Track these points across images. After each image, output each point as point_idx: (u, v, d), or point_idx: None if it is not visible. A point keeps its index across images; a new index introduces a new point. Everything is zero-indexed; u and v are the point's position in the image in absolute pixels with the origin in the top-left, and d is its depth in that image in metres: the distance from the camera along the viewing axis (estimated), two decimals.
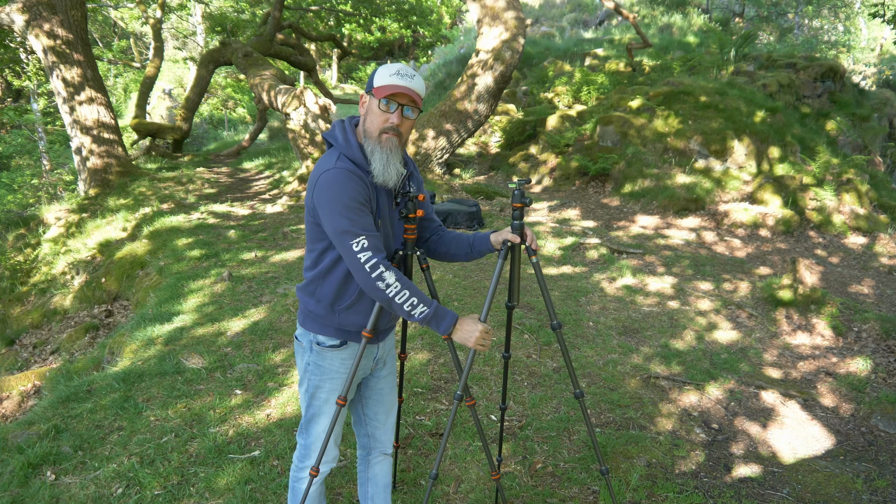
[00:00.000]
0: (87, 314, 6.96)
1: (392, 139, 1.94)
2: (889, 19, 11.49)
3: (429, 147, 9.95)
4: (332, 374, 2.11)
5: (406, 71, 1.92)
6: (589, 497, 2.94)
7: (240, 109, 25.44)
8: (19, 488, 2.91)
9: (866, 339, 4.87)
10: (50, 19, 9.65)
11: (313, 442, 2.16)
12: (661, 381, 4.12)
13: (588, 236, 7.47)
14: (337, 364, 2.11)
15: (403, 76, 1.90)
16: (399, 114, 1.93)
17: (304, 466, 2.19)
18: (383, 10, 17.98)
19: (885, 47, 24.44)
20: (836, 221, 8.37)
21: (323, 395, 2.13)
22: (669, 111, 10.43)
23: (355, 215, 1.87)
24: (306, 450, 2.18)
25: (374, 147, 1.94)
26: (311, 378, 2.13)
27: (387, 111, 1.91)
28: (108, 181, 10.38)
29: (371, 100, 1.94)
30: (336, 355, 2.10)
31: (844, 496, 3.03)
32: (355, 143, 1.96)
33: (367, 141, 1.95)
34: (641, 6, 19.79)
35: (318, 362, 2.11)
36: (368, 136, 1.96)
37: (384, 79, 1.91)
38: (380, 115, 1.92)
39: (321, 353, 2.10)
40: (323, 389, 2.12)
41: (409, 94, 1.91)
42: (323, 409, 2.14)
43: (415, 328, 4.76)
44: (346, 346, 2.10)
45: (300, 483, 2.21)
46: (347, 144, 1.96)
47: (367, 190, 1.92)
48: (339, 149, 1.96)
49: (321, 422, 2.15)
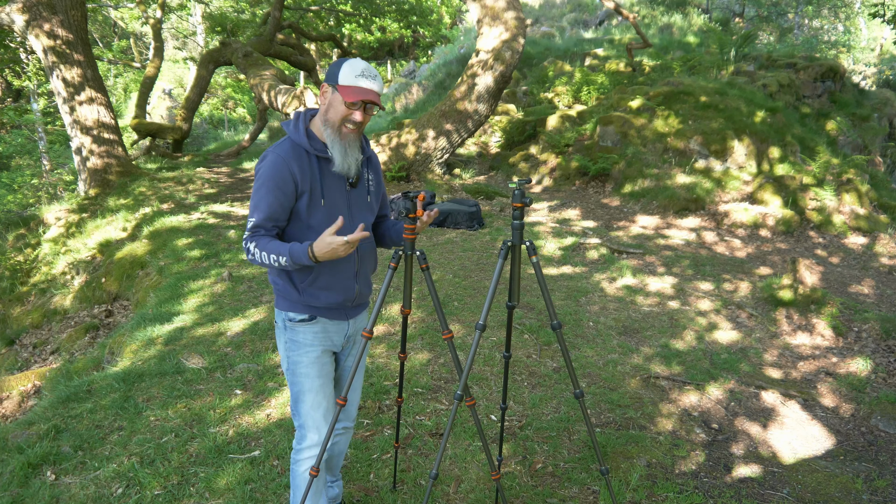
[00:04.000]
0: (87, 314, 6.96)
1: (352, 133, 2.06)
2: (889, 19, 11.49)
3: (429, 147, 9.95)
4: (306, 346, 2.20)
5: (370, 72, 2.02)
6: (589, 497, 2.94)
7: (240, 109, 25.44)
8: (19, 488, 2.91)
9: (866, 339, 4.87)
10: (50, 19, 9.65)
11: (305, 419, 2.24)
12: (662, 381, 4.12)
13: (588, 236, 7.47)
14: (310, 337, 2.21)
15: (368, 78, 2.01)
16: (362, 112, 2.04)
17: (301, 448, 2.27)
18: (383, 10, 17.99)
19: (885, 47, 24.44)
20: (836, 221, 8.37)
21: (302, 370, 2.21)
22: (669, 111, 10.42)
23: (265, 196, 2.03)
24: (301, 430, 2.27)
25: (335, 139, 2.05)
26: (289, 355, 2.23)
27: (351, 108, 2.02)
28: (108, 181, 10.37)
29: (334, 94, 2.03)
30: (308, 329, 2.20)
31: (844, 496, 3.03)
32: (302, 129, 2.09)
33: (327, 130, 2.06)
34: (641, 6, 19.78)
35: (293, 338, 2.21)
36: (329, 125, 2.06)
37: (350, 79, 2.00)
38: (344, 111, 2.03)
39: (294, 329, 2.20)
40: (301, 364, 2.21)
41: (374, 99, 2.02)
42: (305, 384, 2.22)
43: (415, 328, 4.76)
44: (316, 321, 2.20)
45: (298, 465, 2.29)
46: (297, 131, 2.09)
47: (298, 176, 2.04)
48: (289, 135, 2.10)
49: (307, 398, 2.22)
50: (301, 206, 2.07)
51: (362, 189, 2.22)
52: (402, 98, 17.46)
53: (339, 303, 2.20)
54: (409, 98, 17.30)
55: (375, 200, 2.29)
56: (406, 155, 10.03)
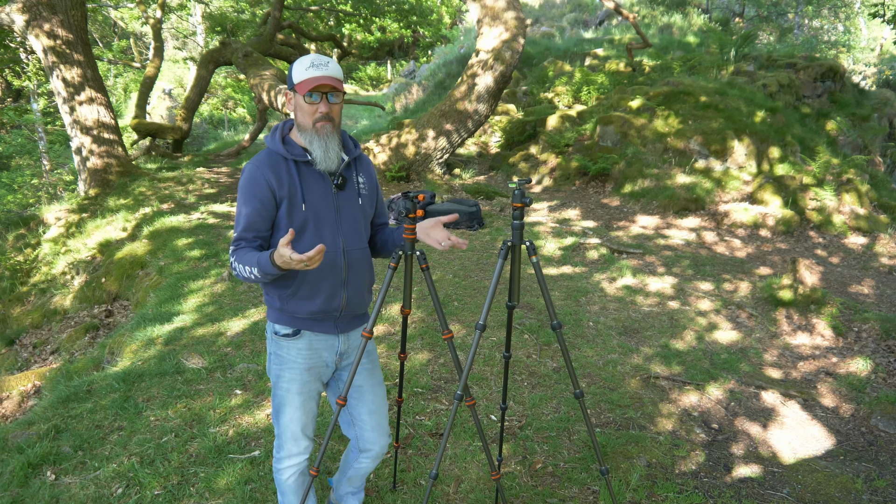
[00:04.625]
0: (87, 314, 6.96)
1: (326, 126, 2.03)
2: (889, 19, 11.49)
3: (429, 147, 9.95)
4: (289, 363, 2.18)
5: (319, 61, 2.00)
6: (589, 497, 2.94)
7: (240, 109, 25.43)
8: (19, 488, 2.91)
9: (866, 339, 4.87)
10: (50, 19, 9.65)
11: (283, 430, 2.24)
12: (661, 381, 4.12)
13: (588, 236, 7.47)
14: (293, 353, 2.18)
15: (319, 66, 1.98)
16: (325, 102, 2.01)
17: (280, 457, 2.27)
18: (383, 10, 17.98)
19: (885, 47, 24.44)
20: (836, 221, 8.37)
21: (284, 385, 2.19)
22: (669, 111, 10.42)
23: (242, 207, 2.04)
24: (279, 439, 2.27)
25: (312, 137, 2.04)
26: (273, 367, 2.22)
27: (313, 103, 2.00)
28: (108, 181, 10.37)
29: (296, 97, 2.03)
30: (292, 345, 2.17)
31: (844, 496, 3.03)
32: (278, 137, 2.09)
33: (304, 133, 2.06)
34: (641, 6, 19.79)
35: (277, 351, 2.19)
36: (303, 129, 2.05)
37: (301, 74, 1.99)
38: (308, 108, 2.02)
39: (278, 343, 2.18)
40: (283, 378, 2.19)
41: (329, 83, 1.98)
42: (286, 399, 2.20)
43: (415, 328, 4.77)
44: (301, 336, 2.17)
45: (279, 474, 2.30)
46: (273, 140, 2.09)
47: (273, 183, 2.03)
48: (267, 145, 2.10)
49: (287, 411, 2.22)
50: (281, 214, 2.04)
51: (351, 192, 2.16)
52: (402, 98, 17.47)
53: (323, 311, 2.13)
54: (409, 98, 17.31)
55: (369, 204, 2.22)
56: (406, 155, 10.03)
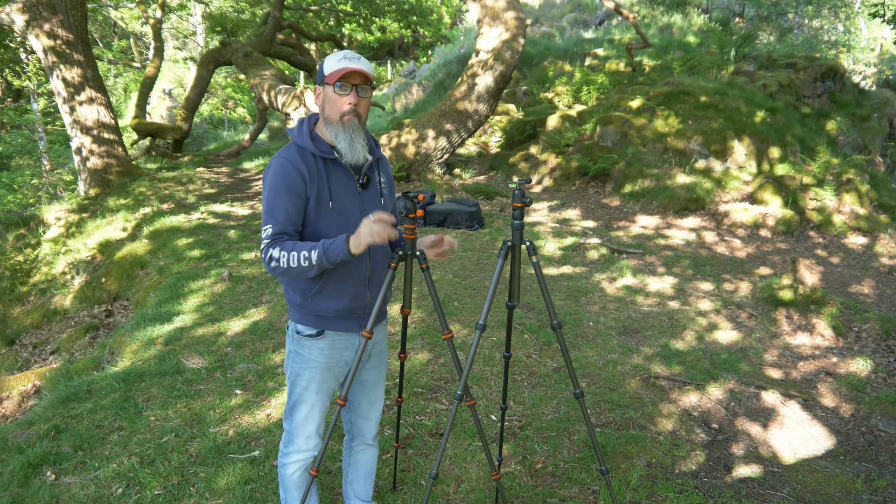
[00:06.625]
0: (87, 314, 6.95)
1: (353, 119, 2.02)
2: (889, 19, 11.49)
3: (429, 147, 9.95)
4: (310, 363, 2.18)
5: (352, 54, 2.01)
6: (589, 497, 2.94)
7: (240, 109, 25.45)
8: (19, 488, 2.91)
9: (866, 339, 4.87)
10: (50, 19, 9.65)
11: (295, 428, 2.23)
12: (662, 381, 4.12)
13: (588, 236, 7.47)
14: (315, 353, 2.17)
15: (351, 59, 1.99)
16: (355, 94, 2.00)
17: (288, 452, 2.27)
18: (383, 10, 18.00)
19: (885, 47, 24.44)
20: (836, 221, 8.37)
21: (303, 384, 2.19)
22: (669, 111, 10.42)
23: (279, 201, 1.98)
24: (289, 435, 2.26)
25: (338, 130, 2.03)
26: (292, 366, 2.21)
27: (342, 94, 2.00)
28: (108, 181, 10.37)
29: (325, 88, 2.03)
30: (314, 345, 2.16)
31: (844, 496, 3.03)
32: (307, 132, 2.07)
33: (329, 127, 2.04)
34: (641, 6, 19.79)
35: (298, 350, 2.19)
36: (330, 122, 2.04)
37: (333, 65, 2.00)
38: (337, 100, 2.01)
39: (300, 342, 2.18)
40: (303, 377, 2.19)
41: (360, 74, 1.99)
42: (303, 397, 2.20)
43: (415, 328, 4.76)
44: (324, 336, 2.16)
45: (284, 469, 2.29)
46: (301, 135, 2.06)
47: (306, 176, 2.01)
48: (294, 140, 2.07)
49: (302, 409, 2.21)
50: (309, 210, 2.04)
51: (374, 191, 2.17)
52: (402, 98, 17.46)
53: (348, 308, 2.14)
54: (409, 98, 17.31)
55: (389, 203, 2.24)
56: (406, 155, 10.03)
